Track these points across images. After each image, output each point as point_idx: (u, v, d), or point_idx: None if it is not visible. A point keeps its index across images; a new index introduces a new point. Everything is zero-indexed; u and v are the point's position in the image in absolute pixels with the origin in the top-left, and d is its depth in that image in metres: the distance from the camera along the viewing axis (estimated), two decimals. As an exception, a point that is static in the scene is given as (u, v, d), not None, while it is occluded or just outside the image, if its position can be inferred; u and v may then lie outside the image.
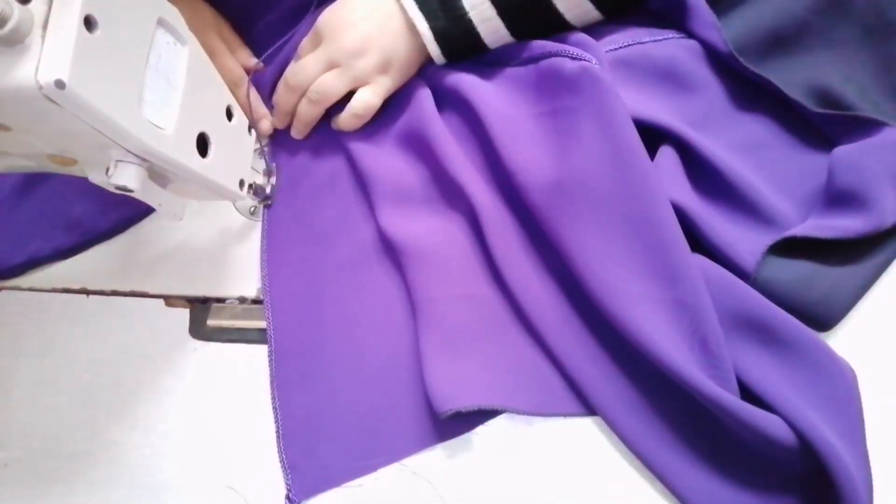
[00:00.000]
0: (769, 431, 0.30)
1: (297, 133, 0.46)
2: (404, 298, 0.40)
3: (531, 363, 0.38)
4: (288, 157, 0.47)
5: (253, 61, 0.48)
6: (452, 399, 0.35)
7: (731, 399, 0.31)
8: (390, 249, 0.41)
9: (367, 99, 0.43)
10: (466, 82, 0.42)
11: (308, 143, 0.47)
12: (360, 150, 0.44)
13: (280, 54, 0.48)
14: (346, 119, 0.44)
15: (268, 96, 0.48)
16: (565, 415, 0.37)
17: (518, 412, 0.36)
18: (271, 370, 0.39)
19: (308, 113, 0.44)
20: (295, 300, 0.41)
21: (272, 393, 0.39)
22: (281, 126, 0.47)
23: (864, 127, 0.39)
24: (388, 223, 0.41)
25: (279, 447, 0.37)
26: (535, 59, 0.41)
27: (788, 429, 0.30)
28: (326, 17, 0.43)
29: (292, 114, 0.45)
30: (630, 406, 0.35)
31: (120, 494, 0.38)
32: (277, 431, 0.38)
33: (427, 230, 0.41)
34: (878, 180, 0.36)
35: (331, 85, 0.43)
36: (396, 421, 0.37)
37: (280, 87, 0.45)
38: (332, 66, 0.43)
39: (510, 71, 0.43)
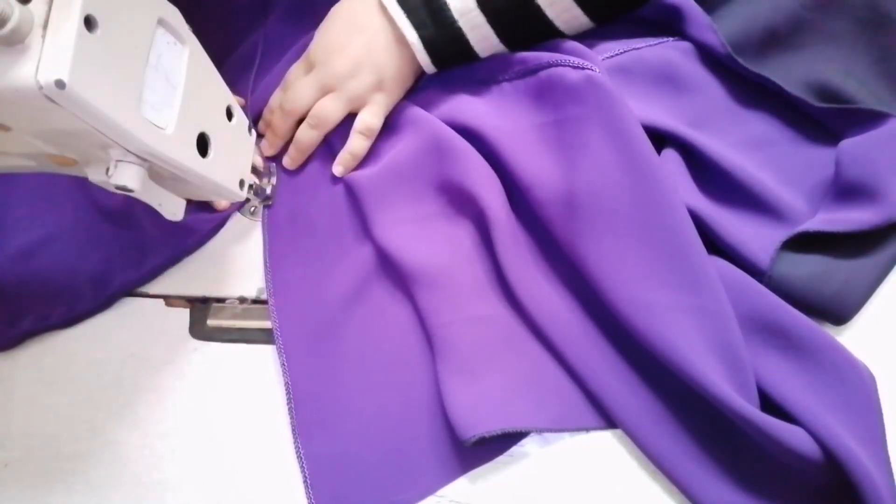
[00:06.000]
0: (794, 444, 0.30)
1: (291, 162, 0.45)
2: (418, 325, 0.40)
3: (550, 379, 0.37)
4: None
5: None
6: (475, 425, 0.34)
7: (756, 413, 0.31)
8: (395, 264, 0.40)
9: (368, 120, 0.43)
10: (461, 109, 0.41)
11: None
12: (358, 173, 0.43)
13: (264, 77, 0.47)
14: (354, 143, 0.43)
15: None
16: (587, 429, 0.37)
17: (540, 431, 0.36)
18: (290, 415, 0.38)
19: (308, 138, 0.44)
20: (306, 336, 0.40)
21: (294, 439, 0.38)
22: (272, 152, 0.45)
23: (867, 119, 0.39)
24: (388, 240, 0.40)
25: (307, 494, 0.37)
26: (531, 71, 0.40)
27: (813, 442, 0.30)
28: (318, 43, 0.44)
29: (286, 139, 0.45)
30: (653, 418, 0.35)
31: (120, 494, 0.38)
32: (304, 479, 0.37)
33: (431, 248, 0.40)
34: (887, 172, 0.36)
35: (329, 110, 0.42)
36: (422, 454, 0.37)
37: (274, 113, 0.44)
38: (326, 90, 0.43)
39: (506, 86, 0.42)
